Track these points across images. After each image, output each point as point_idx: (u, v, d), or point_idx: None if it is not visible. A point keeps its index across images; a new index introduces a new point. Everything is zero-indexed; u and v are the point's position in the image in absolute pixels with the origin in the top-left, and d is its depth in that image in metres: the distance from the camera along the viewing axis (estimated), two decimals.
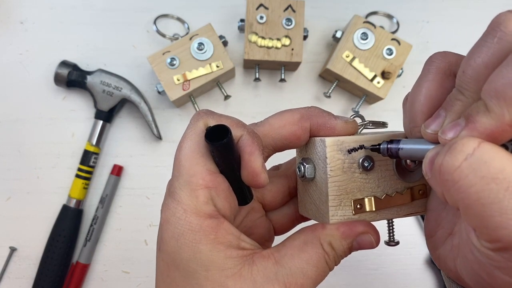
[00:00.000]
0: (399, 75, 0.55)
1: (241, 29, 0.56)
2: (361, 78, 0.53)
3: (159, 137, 0.56)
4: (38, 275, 0.54)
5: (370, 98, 0.56)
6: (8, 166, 0.57)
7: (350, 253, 0.29)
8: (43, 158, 0.57)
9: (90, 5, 0.59)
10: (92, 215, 0.56)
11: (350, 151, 0.28)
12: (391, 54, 0.54)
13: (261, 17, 0.53)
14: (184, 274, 0.27)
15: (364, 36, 0.53)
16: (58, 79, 0.55)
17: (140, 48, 0.59)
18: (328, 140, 0.28)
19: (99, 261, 0.56)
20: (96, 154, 0.56)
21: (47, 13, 0.59)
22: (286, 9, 0.54)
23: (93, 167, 0.56)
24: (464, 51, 0.68)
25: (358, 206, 0.29)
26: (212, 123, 0.28)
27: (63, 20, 0.59)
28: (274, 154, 0.32)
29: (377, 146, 0.28)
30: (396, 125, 0.51)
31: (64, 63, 0.55)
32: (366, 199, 0.29)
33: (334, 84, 0.56)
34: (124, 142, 0.58)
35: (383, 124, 0.34)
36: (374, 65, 0.53)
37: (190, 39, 0.53)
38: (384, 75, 0.54)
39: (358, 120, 0.32)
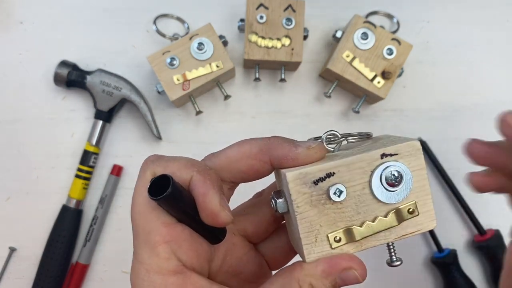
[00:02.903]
0: (399, 75, 0.55)
1: (241, 29, 0.56)
2: (361, 78, 0.53)
3: (159, 137, 0.56)
4: (38, 275, 0.54)
5: (371, 98, 0.56)
6: (8, 166, 0.57)
7: None
8: (42, 158, 0.57)
9: (90, 5, 0.59)
10: (92, 215, 0.56)
11: (316, 182, 0.26)
12: (391, 54, 0.53)
13: (261, 17, 0.53)
14: None
15: (364, 36, 0.53)
16: (58, 79, 0.55)
17: (140, 48, 0.59)
18: (289, 175, 0.25)
19: (99, 261, 0.56)
20: (96, 154, 0.56)
21: (47, 13, 0.59)
22: (286, 9, 0.54)
23: (92, 167, 0.56)
24: (464, 51, 0.69)
25: (337, 239, 0.26)
26: (159, 171, 0.26)
27: (63, 20, 0.59)
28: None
29: None
30: (397, 124, 0.52)
31: (63, 63, 0.55)
32: (342, 231, 0.26)
33: (334, 84, 0.56)
34: (124, 142, 0.58)
35: (367, 136, 0.31)
36: (375, 65, 0.53)
37: (190, 39, 0.52)
38: (385, 75, 0.53)
39: (334, 137, 0.29)
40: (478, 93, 0.60)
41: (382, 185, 0.27)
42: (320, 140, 0.28)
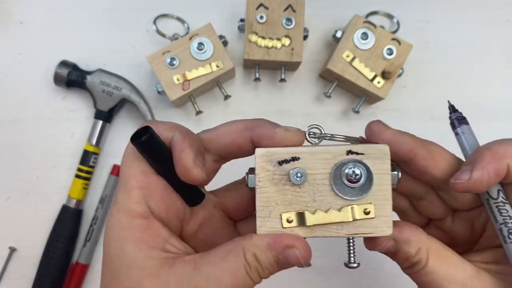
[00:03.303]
0: (399, 75, 0.55)
1: (241, 29, 0.56)
2: (361, 78, 0.53)
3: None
4: (38, 275, 0.54)
5: (371, 98, 0.56)
6: (8, 166, 0.57)
7: (279, 268, 0.28)
8: (42, 158, 0.57)
9: (90, 5, 0.59)
10: (92, 215, 0.56)
11: (281, 163, 0.28)
12: (391, 54, 0.53)
13: (261, 17, 0.53)
14: (110, 269, 0.28)
15: (364, 36, 0.53)
16: (58, 79, 0.55)
17: (140, 48, 0.58)
18: (258, 150, 0.28)
19: (99, 261, 0.56)
20: (96, 154, 0.56)
21: (47, 13, 0.59)
22: (286, 8, 0.54)
23: (93, 167, 0.56)
24: (465, 51, 0.68)
25: (289, 220, 0.28)
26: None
27: (63, 20, 0.59)
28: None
29: None
30: (397, 124, 0.51)
31: (63, 63, 0.55)
32: (295, 214, 0.28)
33: (334, 84, 0.56)
34: (124, 142, 0.57)
35: (355, 140, 0.32)
36: (375, 65, 0.53)
37: (190, 39, 0.52)
38: (385, 75, 0.53)
39: (317, 131, 0.31)
40: (478, 93, 0.60)
41: (342, 179, 0.28)
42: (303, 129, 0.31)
